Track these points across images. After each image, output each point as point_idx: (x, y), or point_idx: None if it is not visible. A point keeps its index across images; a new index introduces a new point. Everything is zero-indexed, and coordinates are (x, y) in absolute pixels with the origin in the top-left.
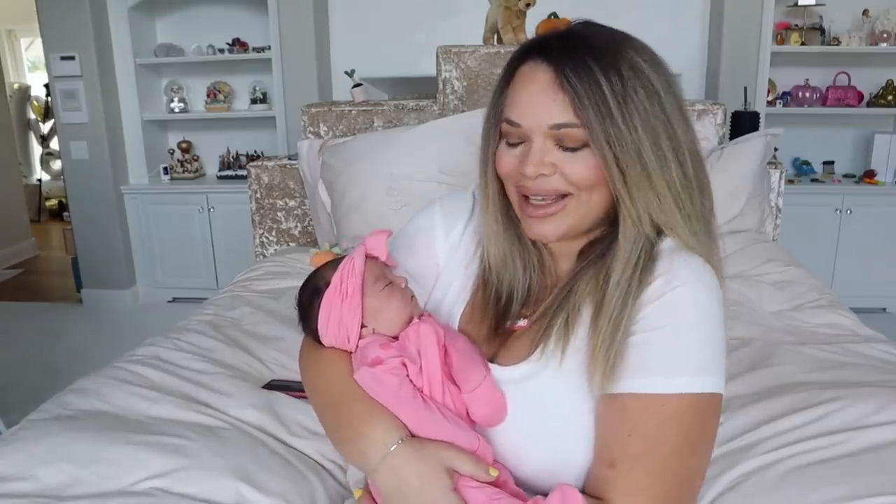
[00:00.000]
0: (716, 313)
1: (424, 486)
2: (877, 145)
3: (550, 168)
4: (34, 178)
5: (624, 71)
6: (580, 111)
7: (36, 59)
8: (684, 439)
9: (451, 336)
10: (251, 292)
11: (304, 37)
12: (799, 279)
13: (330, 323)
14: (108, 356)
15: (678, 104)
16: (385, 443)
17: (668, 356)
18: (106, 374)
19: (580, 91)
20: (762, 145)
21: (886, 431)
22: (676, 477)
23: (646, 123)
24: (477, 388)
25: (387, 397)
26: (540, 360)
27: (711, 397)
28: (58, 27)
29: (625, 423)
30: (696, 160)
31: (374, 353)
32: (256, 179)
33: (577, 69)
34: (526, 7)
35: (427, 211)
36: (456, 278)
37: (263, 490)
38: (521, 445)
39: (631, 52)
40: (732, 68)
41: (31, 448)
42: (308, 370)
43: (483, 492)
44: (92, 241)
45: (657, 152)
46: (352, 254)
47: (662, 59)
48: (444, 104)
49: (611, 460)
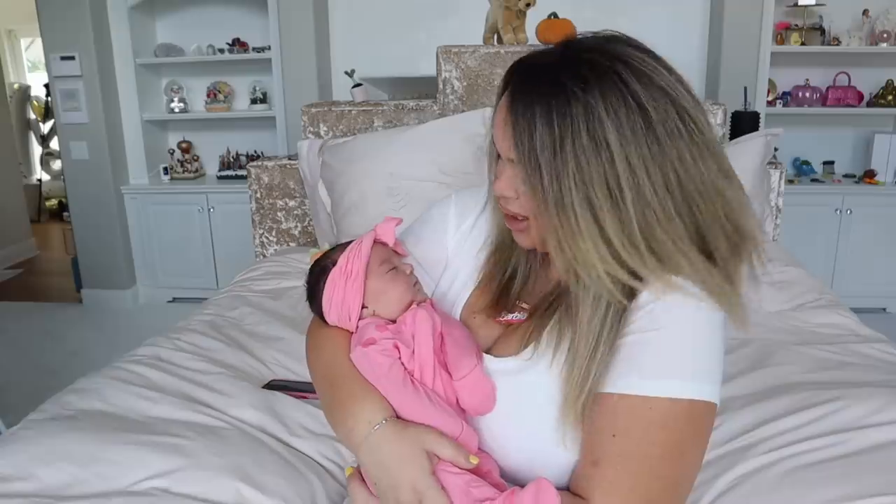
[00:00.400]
0: (714, 327)
1: (403, 467)
2: (877, 145)
3: (513, 192)
4: (34, 178)
5: (570, 117)
6: (518, 152)
7: (36, 59)
8: (672, 444)
9: (449, 324)
10: (251, 292)
11: (304, 37)
12: (799, 279)
13: (333, 301)
14: (108, 356)
15: (644, 154)
16: (370, 421)
17: (660, 359)
18: (106, 374)
19: (519, 134)
20: (762, 145)
21: (886, 431)
22: (660, 482)
23: (579, 176)
24: (467, 376)
25: (376, 377)
26: (532, 357)
27: (704, 405)
28: (58, 27)
29: (611, 423)
30: (649, 217)
31: (370, 334)
32: (256, 179)
33: (525, 110)
34: (526, 7)
35: (442, 202)
36: (464, 267)
37: (263, 490)
38: (506, 437)
39: (595, 95)
40: (732, 68)
41: (31, 448)
42: (311, 347)
43: (461, 478)
44: (92, 241)
45: (586, 205)
46: (361, 238)
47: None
48: (444, 104)
49: (595, 459)
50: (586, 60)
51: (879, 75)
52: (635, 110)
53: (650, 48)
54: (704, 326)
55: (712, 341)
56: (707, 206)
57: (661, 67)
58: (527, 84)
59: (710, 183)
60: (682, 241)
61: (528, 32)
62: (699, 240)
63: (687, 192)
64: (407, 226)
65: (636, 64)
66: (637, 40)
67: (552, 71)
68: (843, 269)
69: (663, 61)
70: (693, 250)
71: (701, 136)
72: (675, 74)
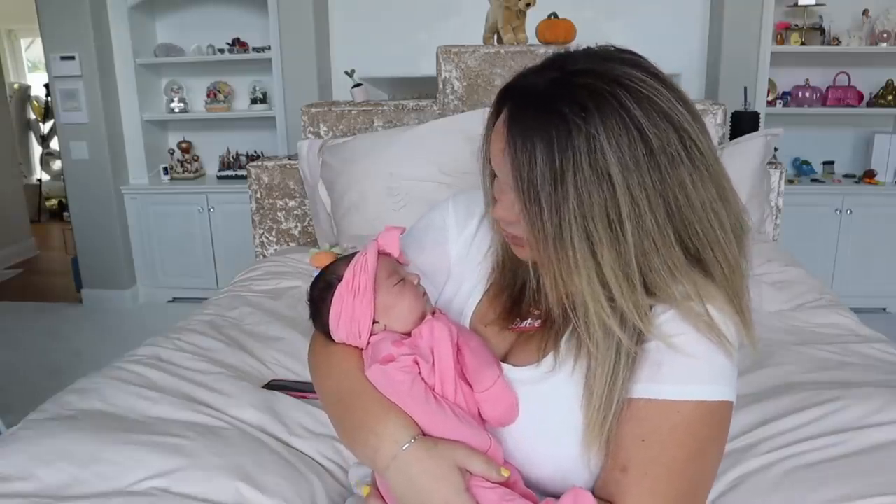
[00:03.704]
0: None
1: (437, 486)
2: (877, 145)
3: (513, 217)
4: (34, 178)
5: (571, 150)
6: (517, 184)
7: (36, 59)
8: (696, 445)
9: (465, 335)
10: (251, 292)
11: (304, 37)
12: (799, 279)
13: (342, 319)
14: (108, 356)
15: (646, 183)
16: (397, 441)
17: (685, 363)
18: (106, 374)
19: (517, 166)
20: (762, 145)
21: (886, 431)
22: (687, 483)
23: (579, 210)
24: (490, 388)
25: (398, 395)
26: (553, 365)
27: (724, 405)
28: (58, 27)
29: (638, 428)
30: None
31: (387, 351)
32: (256, 179)
33: (524, 142)
34: (526, 7)
35: (440, 208)
36: (469, 275)
37: (263, 490)
38: (531, 446)
39: (597, 124)
40: (732, 68)
41: (31, 448)
42: (318, 366)
43: (495, 492)
44: (92, 241)
45: (585, 240)
46: (364, 250)
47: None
48: (444, 104)
49: (623, 464)
50: (585, 86)
51: (879, 75)
52: (637, 138)
53: (643, 57)
54: (721, 327)
55: (725, 341)
56: (706, 232)
57: (660, 87)
58: (524, 112)
59: (710, 207)
60: (678, 270)
61: (528, 32)
62: (698, 264)
63: (687, 219)
64: (405, 232)
65: (636, 87)
66: (630, 52)
67: (550, 100)
68: (843, 269)
69: (661, 77)
70: (694, 272)
71: (702, 158)
72: (675, 91)
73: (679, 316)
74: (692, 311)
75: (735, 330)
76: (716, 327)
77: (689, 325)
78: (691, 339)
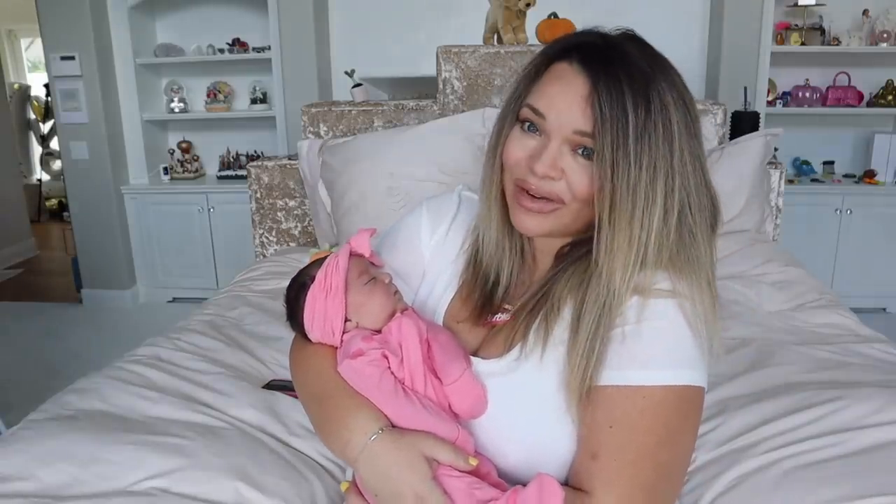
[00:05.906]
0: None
1: (403, 475)
2: (877, 145)
3: (559, 173)
4: (34, 178)
5: (652, 104)
6: (599, 132)
7: (36, 59)
8: (666, 431)
9: (434, 330)
10: (251, 292)
11: (304, 37)
12: (799, 279)
13: (315, 318)
14: (108, 356)
15: (691, 150)
16: (365, 433)
17: (651, 349)
18: (106, 374)
19: (606, 114)
20: (762, 145)
21: (886, 431)
22: (658, 468)
23: (651, 162)
24: (457, 381)
25: (368, 388)
26: (520, 357)
27: (694, 390)
28: (58, 27)
29: (607, 415)
30: (685, 211)
31: (356, 346)
32: (256, 179)
33: (610, 90)
34: (526, 7)
35: (414, 211)
36: (442, 274)
37: (263, 490)
38: (502, 437)
39: (664, 85)
40: (732, 68)
41: (31, 448)
42: (296, 366)
43: (462, 481)
44: (92, 241)
45: (650, 193)
46: (337, 252)
47: (690, 97)
48: (444, 104)
49: (593, 452)
50: (639, 51)
51: (879, 75)
52: (684, 105)
53: None
54: (688, 313)
55: (694, 328)
56: (697, 213)
57: None
58: (607, 64)
59: (703, 188)
60: (704, 233)
61: (528, 32)
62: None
63: (709, 186)
64: (380, 236)
65: (668, 61)
66: None
67: (623, 54)
68: (843, 269)
69: None
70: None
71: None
72: None
73: (646, 301)
74: (660, 295)
75: (704, 316)
76: (685, 312)
77: (657, 311)
78: (658, 325)
